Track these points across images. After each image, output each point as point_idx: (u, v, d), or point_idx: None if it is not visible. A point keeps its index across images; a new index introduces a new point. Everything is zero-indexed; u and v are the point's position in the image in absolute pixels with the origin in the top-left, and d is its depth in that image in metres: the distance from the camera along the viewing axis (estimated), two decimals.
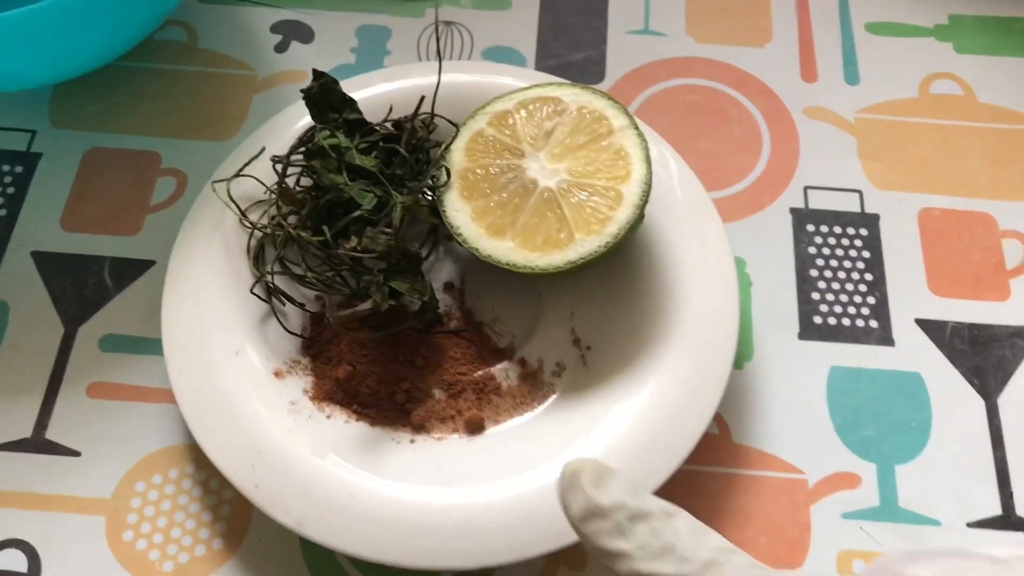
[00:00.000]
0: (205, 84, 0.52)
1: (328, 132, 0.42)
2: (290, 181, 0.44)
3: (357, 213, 0.41)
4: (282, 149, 0.45)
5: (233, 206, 0.43)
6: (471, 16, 0.54)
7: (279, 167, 0.43)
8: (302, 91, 0.43)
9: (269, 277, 0.42)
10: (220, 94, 0.51)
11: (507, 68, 0.48)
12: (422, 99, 0.44)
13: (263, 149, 0.44)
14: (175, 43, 0.53)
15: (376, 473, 0.38)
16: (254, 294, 0.42)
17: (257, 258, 0.43)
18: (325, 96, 0.43)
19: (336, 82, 0.44)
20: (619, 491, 0.28)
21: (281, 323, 0.42)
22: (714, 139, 0.50)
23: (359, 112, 0.44)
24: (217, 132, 0.50)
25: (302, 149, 0.43)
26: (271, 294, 0.42)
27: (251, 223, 0.43)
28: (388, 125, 0.44)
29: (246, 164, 0.44)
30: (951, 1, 0.55)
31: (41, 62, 0.45)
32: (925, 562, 0.26)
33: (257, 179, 0.44)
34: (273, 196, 0.43)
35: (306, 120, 0.46)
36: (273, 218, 0.43)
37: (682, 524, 0.28)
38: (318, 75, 0.43)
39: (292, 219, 0.43)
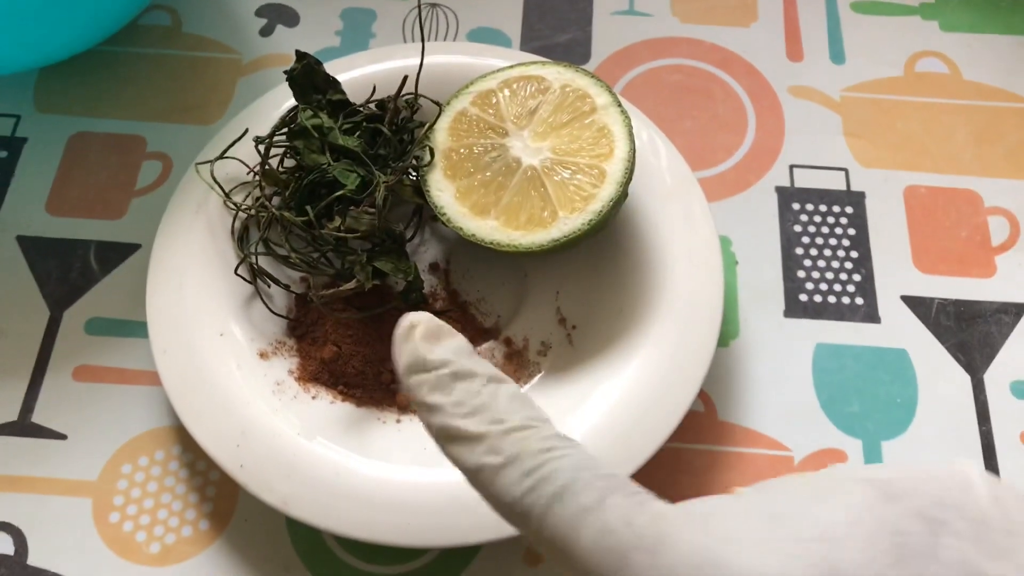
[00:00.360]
0: (190, 68, 0.52)
1: (311, 112, 0.42)
2: (273, 162, 0.44)
3: (340, 193, 0.41)
4: (266, 131, 0.44)
5: (217, 187, 0.43)
6: None
7: (262, 148, 0.43)
8: (285, 72, 0.43)
9: (253, 258, 0.42)
10: (205, 78, 0.51)
11: (492, 49, 0.48)
12: (405, 79, 0.44)
13: (246, 131, 0.44)
14: (159, 27, 0.53)
15: (362, 453, 0.38)
16: (238, 275, 0.42)
17: (241, 239, 0.43)
18: (308, 77, 0.43)
19: (319, 63, 0.43)
20: (448, 350, 0.28)
21: (266, 304, 0.42)
22: (699, 119, 0.50)
23: (343, 93, 0.44)
24: (202, 116, 0.50)
25: (285, 129, 0.43)
26: (255, 275, 0.42)
27: (235, 204, 0.43)
28: (372, 106, 0.44)
29: (229, 146, 0.44)
30: None
31: (24, 46, 0.45)
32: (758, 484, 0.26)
33: (240, 160, 0.44)
34: (256, 177, 0.43)
35: (290, 102, 0.46)
36: (257, 199, 0.43)
37: (504, 390, 0.27)
38: (301, 56, 0.43)
39: (276, 200, 0.43)
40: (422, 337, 0.28)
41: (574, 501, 0.25)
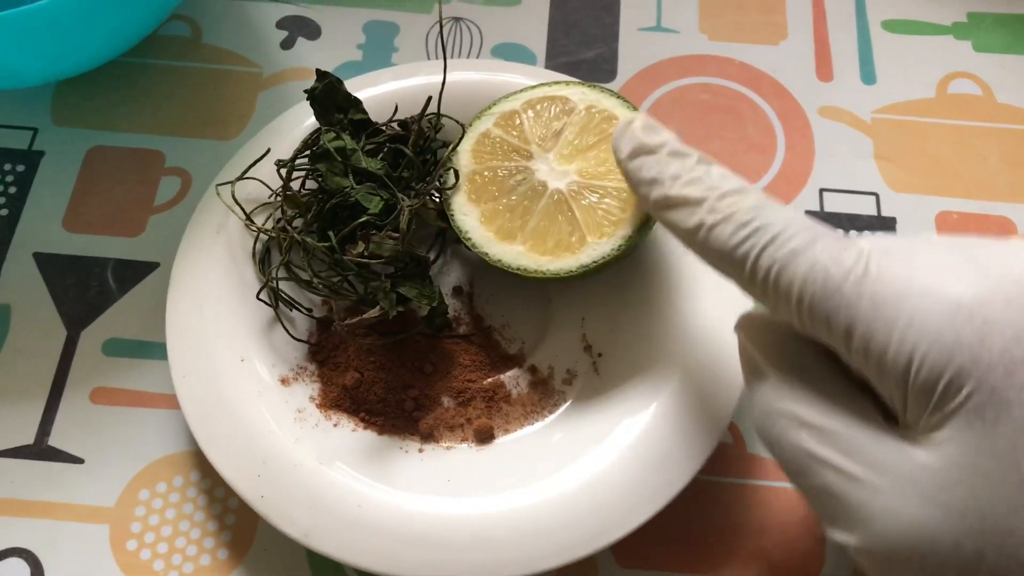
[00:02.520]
0: (209, 81, 0.51)
1: (334, 134, 0.41)
2: (296, 184, 0.43)
3: (364, 218, 0.40)
4: (287, 150, 0.44)
5: (238, 209, 0.42)
6: (480, 12, 0.53)
7: (283, 171, 0.42)
8: (306, 91, 0.43)
9: (275, 283, 0.41)
10: (225, 91, 0.50)
11: (516, 66, 0.47)
12: (429, 100, 0.43)
13: (268, 151, 0.43)
14: (179, 38, 0.52)
15: (384, 483, 0.38)
16: (260, 300, 0.41)
17: (263, 262, 0.42)
18: (329, 96, 0.42)
19: (340, 82, 0.43)
20: (664, 137, 0.33)
21: (287, 330, 0.41)
22: (727, 139, 0.49)
23: (364, 112, 0.43)
24: (222, 130, 0.49)
25: (307, 152, 0.42)
26: (277, 300, 0.41)
27: (257, 227, 0.42)
28: (394, 125, 0.44)
29: (250, 166, 0.43)
30: None
31: (44, 61, 0.44)
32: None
33: (262, 181, 0.43)
34: (278, 200, 0.42)
35: (311, 121, 0.45)
36: (278, 222, 0.42)
37: (715, 168, 0.32)
38: (322, 75, 0.42)
39: (298, 222, 0.42)
40: (641, 129, 0.34)
41: (786, 245, 0.29)
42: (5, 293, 0.45)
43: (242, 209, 0.42)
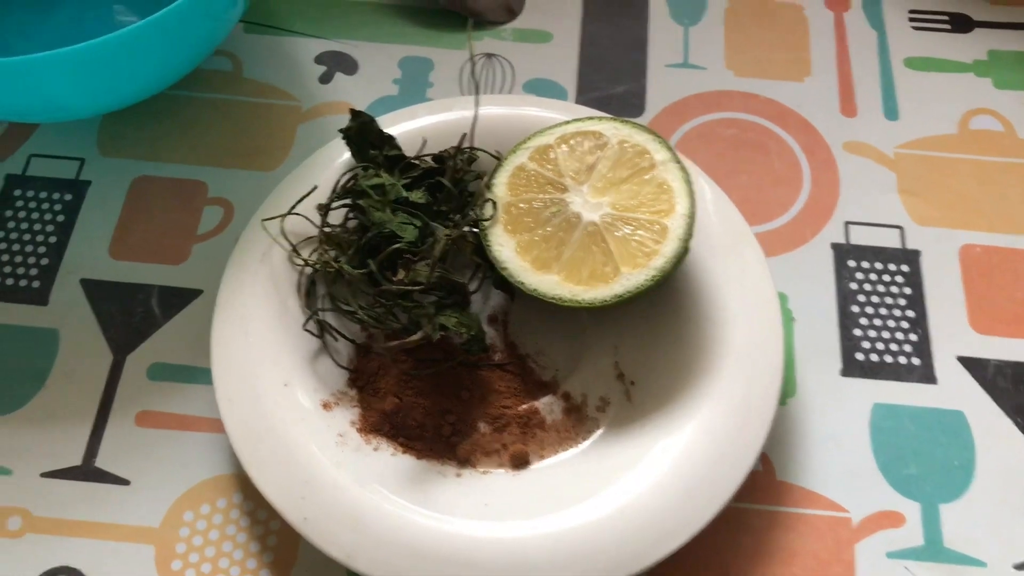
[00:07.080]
0: (250, 114, 0.52)
1: (372, 171, 0.43)
2: (339, 213, 0.44)
3: (397, 245, 0.41)
4: (325, 183, 0.45)
5: (284, 242, 0.44)
6: (512, 48, 0.55)
7: (322, 213, 0.44)
8: (340, 131, 0.44)
9: (320, 314, 0.42)
10: (265, 124, 0.52)
11: (548, 101, 0.49)
12: (464, 136, 0.45)
13: (315, 188, 0.45)
14: (221, 73, 0.54)
15: (424, 506, 0.39)
16: (307, 331, 0.42)
17: (308, 294, 0.43)
18: (363, 135, 0.44)
19: (373, 120, 0.44)
20: None
21: (333, 359, 0.42)
22: (754, 173, 0.50)
23: (398, 148, 0.45)
24: (262, 162, 0.51)
25: (347, 197, 0.44)
26: (323, 330, 0.42)
27: (303, 259, 0.43)
28: (428, 159, 0.45)
29: (296, 203, 0.44)
30: (990, 37, 0.55)
31: (93, 95, 0.46)
32: None
33: (306, 217, 0.44)
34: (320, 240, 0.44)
35: (348, 155, 0.46)
36: (322, 255, 0.43)
37: None
38: (356, 114, 0.44)
39: (340, 258, 0.43)
40: None
41: None
42: (53, 318, 0.46)
43: (289, 242, 0.44)
